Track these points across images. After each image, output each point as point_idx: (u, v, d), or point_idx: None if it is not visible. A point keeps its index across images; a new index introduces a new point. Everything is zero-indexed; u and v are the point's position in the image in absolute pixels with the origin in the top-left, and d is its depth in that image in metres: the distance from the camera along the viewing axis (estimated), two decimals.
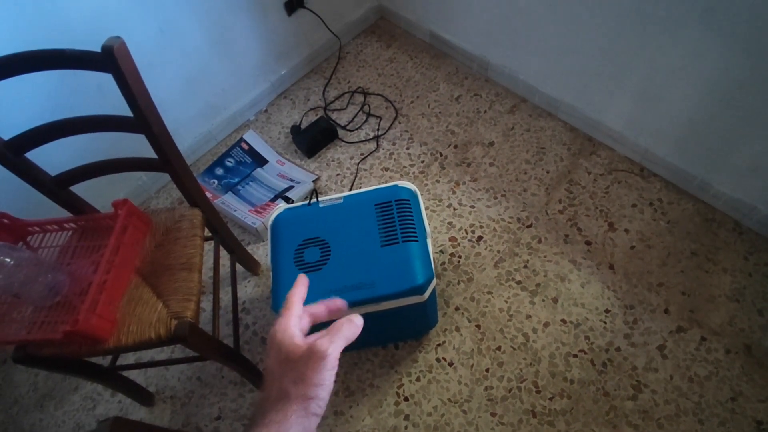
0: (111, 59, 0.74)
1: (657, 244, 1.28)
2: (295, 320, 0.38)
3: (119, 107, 0.82)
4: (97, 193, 1.12)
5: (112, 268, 0.84)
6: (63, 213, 0.99)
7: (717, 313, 1.17)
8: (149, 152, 0.90)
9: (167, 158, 0.89)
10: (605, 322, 1.18)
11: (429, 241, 0.99)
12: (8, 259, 0.77)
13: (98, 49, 0.74)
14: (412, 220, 0.97)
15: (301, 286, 0.41)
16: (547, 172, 1.44)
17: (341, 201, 1.02)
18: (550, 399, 1.10)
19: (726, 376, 1.09)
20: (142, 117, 0.81)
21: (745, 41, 0.99)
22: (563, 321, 1.19)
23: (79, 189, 0.97)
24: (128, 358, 1.24)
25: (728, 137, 1.16)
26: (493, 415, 1.09)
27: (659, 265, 1.25)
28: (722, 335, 1.13)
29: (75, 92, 1.19)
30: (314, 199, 1.03)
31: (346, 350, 0.40)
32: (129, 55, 0.77)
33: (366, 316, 0.99)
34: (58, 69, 0.77)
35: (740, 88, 1.06)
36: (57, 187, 0.92)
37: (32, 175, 0.88)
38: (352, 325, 0.37)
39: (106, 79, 0.77)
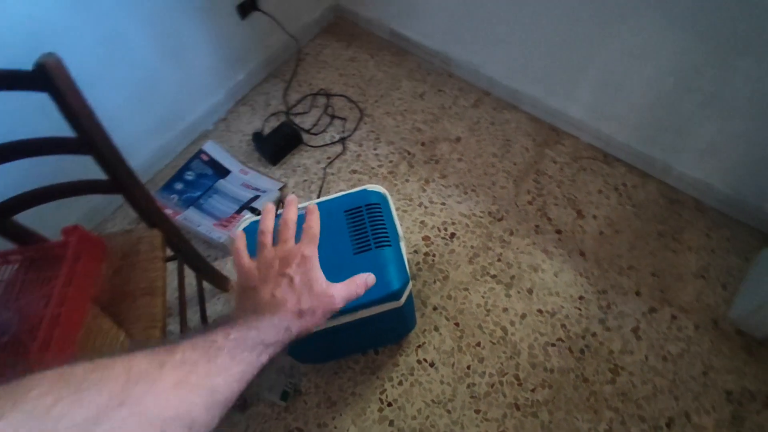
0: (45, 77, 0.68)
1: (625, 228, 1.31)
2: (269, 244, 0.49)
3: (66, 127, 0.76)
4: (45, 219, 1.05)
5: (66, 301, 0.78)
6: (6, 245, 0.92)
7: (685, 290, 1.20)
8: (97, 173, 0.85)
9: (118, 179, 0.83)
10: (580, 309, 1.20)
11: (402, 244, 0.97)
12: None
13: (26, 68, 0.68)
14: (384, 224, 0.95)
15: (269, 214, 0.52)
16: (515, 164, 1.45)
17: None
18: (532, 390, 1.10)
19: (697, 352, 1.12)
20: (87, 137, 0.76)
21: (699, 26, 1.02)
22: (539, 311, 1.20)
23: (25, 217, 0.90)
24: None
25: (687, 120, 1.19)
26: (477, 411, 1.09)
27: (628, 249, 1.28)
28: (691, 312, 1.17)
29: (13, 114, 1.11)
30: (280, 210, 1.00)
31: (325, 360, 0.48)
32: (65, 71, 0.71)
33: (343, 326, 0.97)
34: None
35: (696, 71, 1.09)
36: None
37: None
38: (292, 222, 0.50)
39: (46, 98, 0.72)
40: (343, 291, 0.47)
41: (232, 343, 0.35)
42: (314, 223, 0.49)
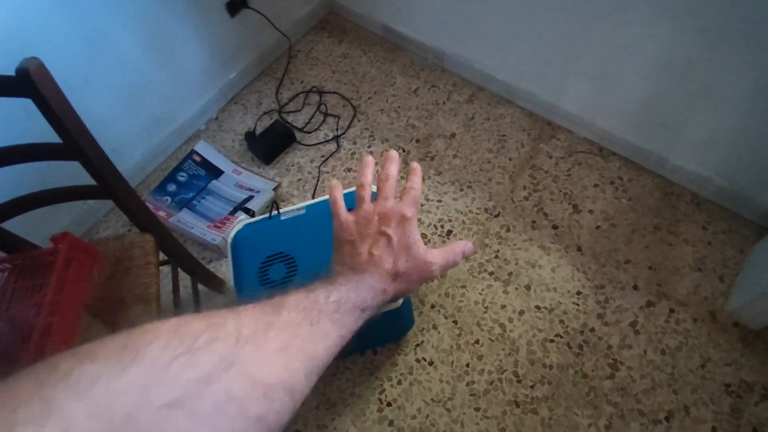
0: (28, 83, 0.66)
1: (621, 222, 1.30)
2: (367, 198, 0.47)
3: (53, 132, 0.74)
4: (35, 225, 1.03)
5: (58, 309, 0.76)
6: None
7: (682, 283, 1.20)
8: (86, 178, 0.83)
9: (107, 184, 0.82)
10: (578, 305, 1.20)
11: None
12: None
13: (13, 73, 0.66)
14: None
15: (368, 168, 0.50)
16: (510, 160, 1.44)
17: (304, 211, 0.97)
18: (531, 387, 1.10)
19: (695, 345, 1.12)
20: (73, 143, 0.74)
21: (692, 18, 1.01)
22: (537, 307, 1.20)
23: (13, 224, 0.88)
24: None
25: (681, 112, 1.19)
26: (477, 409, 1.09)
27: (625, 243, 1.27)
28: (689, 305, 1.17)
29: None
30: (275, 212, 0.98)
31: None
32: (49, 76, 0.69)
33: None
34: None
35: (690, 64, 1.08)
36: None
37: None
38: (393, 179, 0.49)
39: (31, 103, 0.70)
40: (441, 258, 0.45)
41: (332, 306, 0.35)
42: (417, 183, 0.48)
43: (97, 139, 0.78)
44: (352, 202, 0.95)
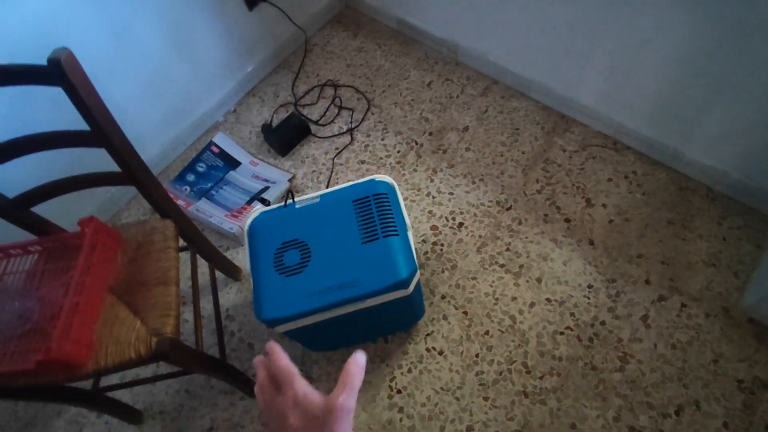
0: (59, 72, 0.70)
1: (634, 216, 1.30)
2: (300, 381, 0.38)
3: (78, 120, 0.78)
4: (62, 211, 1.08)
5: (84, 289, 0.81)
6: (26, 236, 0.94)
7: (695, 278, 1.19)
8: (111, 165, 0.87)
9: (131, 171, 0.85)
10: (589, 298, 1.20)
11: (410, 234, 0.98)
12: None
13: (40, 63, 0.70)
14: (391, 214, 0.96)
15: (279, 352, 0.41)
16: (523, 153, 1.44)
17: (318, 200, 1.00)
18: (540, 378, 1.11)
19: (707, 340, 1.12)
20: (100, 130, 0.77)
21: (710, 10, 1.00)
22: (548, 300, 1.21)
23: (43, 209, 0.93)
24: (112, 378, 1.21)
25: (698, 106, 1.17)
26: (486, 399, 1.10)
27: (638, 237, 1.27)
28: (701, 300, 1.16)
29: (27, 108, 1.13)
30: (290, 200, 1.01)
31: (335, 348, 0.42)
32: (78, 65, 0.73)
33: (353, 314, 0.98)
34: (1, 86, 0.73)
35: (707, 57, 1.07)
36: (17, 210, 0.88)
37: None
38: (360, 371, 0.38)
39: (59, 92, 0.73)
40: (342, 389, 0.37)
41: None
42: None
43: None
44: (361, 192, 0.97)
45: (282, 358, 0.40)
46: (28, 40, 1.07)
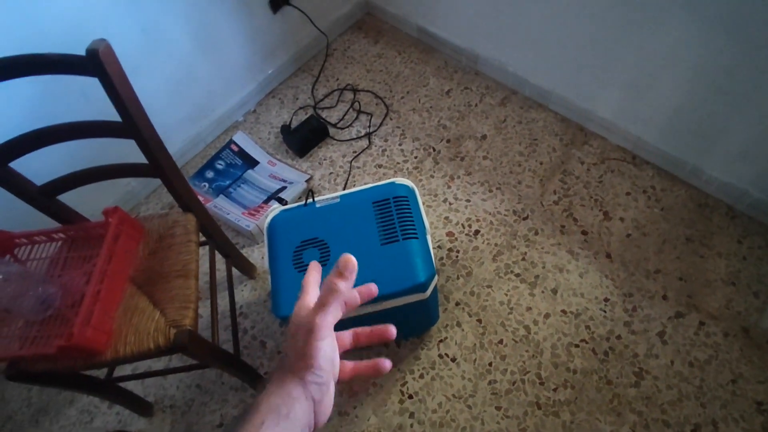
0: (96, 63, 0.71)
1: (652, 231, 1.29)
2: (308, 302, 0.39)
3: (105, 112, 0.79)
4: (84, 201, 1.09)
5: (106, 278, 0.81)
6: (51, 223, 0.96)
7: (714, 297, 1.18)
8: (136, 157, 0.88)
9: (158, 163, 0.86)
10: (605, 311, 1.19)
11: (429, 238, 0.98)
12: None
13: (80, 53, 0.71)
14: (411, 217, 0.96)
15: (314, 271, 0.42)
16: (541, 164, 1.44)
17: (338, 200, 1.00)
18: (554, 390, 1.10)
19: (725, 359, 1.10)
20: (131, 122, 0.79)
21: (731, 27, 1.00)
22: (563, 311, 1.20)
23: (66, 197, 0.94)
24: (125, 369, 1.21)
25: (718, 123, 1.17)
26: (498, 408, 1.09)
27: (655, 252, 1.26)
28: (720, 319, 1.15)
29: (58, 99, 1.15)
30: (310, 199, 1.02)
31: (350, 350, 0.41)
32: (115, 57, 0.74)
33: (368, 316, 0.98)
34: (41, 74, 0.74)
35: (728, 73, 1.07)
36: (44, 197, 0.89)
37: (17, 186, 0.85)
38: (334, 293, 0.36)
39: (90, 84, 0.75)
40: (321, 311, 0.37)
41: None
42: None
43: None
44: (381, 194, 0.97)
45: (310, 274, 0.42)
46: (62, 33, 1.09)
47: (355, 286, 0.39)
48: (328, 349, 0.37)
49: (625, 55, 1.23)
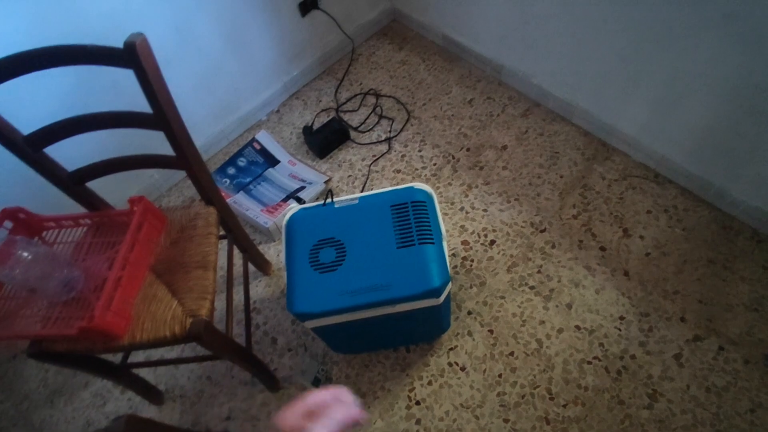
0: (133, 55, 0.74)
1: (673, 251, 1.26)
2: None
3: (134, 104, 0.82)
4: (109, 189, 1.12)
5: (127, 265, 0.83)
6: (77, 209, 0.99)
7: (735, 322, 1.15)
8: (160, 149, 0.90)
9: (185, 155, 0.88)
10: (620, 329, 1.17)
11: (445, 244, 0.98)
12: (25, 254, 0.77)
13: (115, 45, 0.74)
14: (428, 222, 0.96)
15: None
16: (561, 177, 1.43)
17: (356, 202, 1.01)
18: (564, 406, 1.08)
19: (745, 387, 1.07)
20: (162, 114, 0.81)
21: (763, 45, 0.98)
22: (577, 327, 1.18)
23: (93, 185, 0.97)
24: (139, 356, 1.24)
25: (748, 145, 1.15)
26: (506, 421, 1.08)
27: (675, 273, 1.23)
28: (741, 345, 1.12)
29: (90, 89, 1.19)
30: (329, 199, 1.03)
31: (358, 351, 0.47)
32: (150, 51, 0.77)
33: (381, 318, 0.98)
34: (79, 64, 0.77)
35: (762, 94, 1.05)
36: (73, 183, 0.92)
37: (50, 171, 0.88)
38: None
39: (122, 76, 0.77)
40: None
41: None
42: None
43: None
44: (399, 197, 0.97)
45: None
46: (100, 27, 1.13)
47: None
48: None
49: (654, 71, 1.21)
